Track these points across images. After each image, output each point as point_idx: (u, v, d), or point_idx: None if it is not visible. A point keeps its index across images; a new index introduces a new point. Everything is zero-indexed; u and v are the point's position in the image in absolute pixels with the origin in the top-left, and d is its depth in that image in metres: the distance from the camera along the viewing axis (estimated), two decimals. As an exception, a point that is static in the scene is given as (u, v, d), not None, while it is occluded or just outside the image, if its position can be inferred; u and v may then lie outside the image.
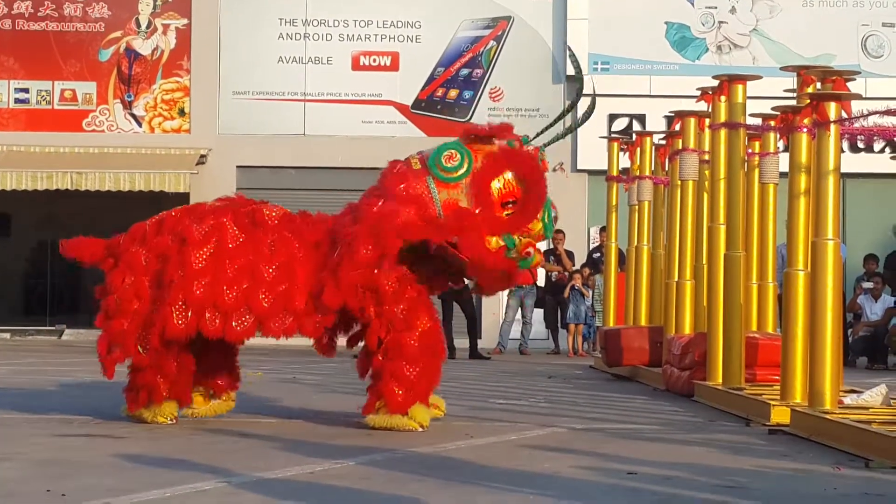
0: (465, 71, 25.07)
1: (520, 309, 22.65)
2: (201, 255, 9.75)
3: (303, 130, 24.98)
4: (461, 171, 9.76)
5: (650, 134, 17.73)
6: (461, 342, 20.71)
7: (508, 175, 9.79)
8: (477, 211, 9.72)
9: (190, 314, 9.65)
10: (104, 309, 9.96)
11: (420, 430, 9.75)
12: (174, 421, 9.97)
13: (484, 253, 9.71)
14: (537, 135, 10.24)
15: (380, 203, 9.73)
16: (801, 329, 10.45)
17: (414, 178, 9.79)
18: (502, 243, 9.73)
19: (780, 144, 13.23)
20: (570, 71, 24.59)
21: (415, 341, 9.73)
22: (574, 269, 22.81)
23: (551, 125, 10.29)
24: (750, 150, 13.37)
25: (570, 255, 22.71)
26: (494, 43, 25.11)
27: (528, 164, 9.86)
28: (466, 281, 20.87)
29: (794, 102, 11.26)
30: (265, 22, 25.03)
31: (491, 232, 9.72)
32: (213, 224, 9.84)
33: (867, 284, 20.50)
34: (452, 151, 9.82)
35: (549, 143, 10.15)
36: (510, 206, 9.78)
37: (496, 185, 9.77)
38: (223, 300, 9.65)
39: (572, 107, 10.67)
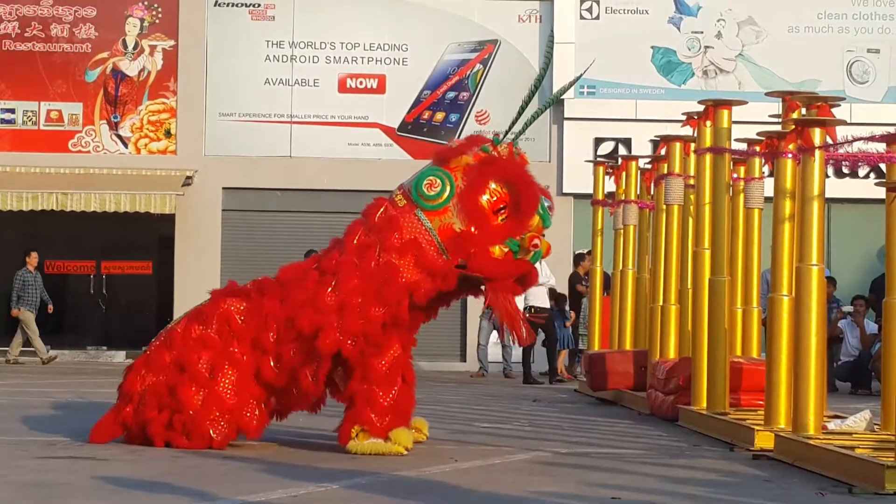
0: (451, 94, 25.09)
1: (495, 331, 22.34)
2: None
3: (289, 152, 24.97)
4: (446, 195, 9.87)
5: (636, 158, 17.75)
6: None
7: (493, 185, 9.90)
8: (473, 230, 9.82)
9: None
10: None
11: (405, 453, 9.75)
12: None
13: (493, 266, 9.86)
14: (507, 131, 10.35)
15: (378, 259, 9.83)
16: (785, 354, 10.47)
17: (403, 220, 9.90)
18: (506, 249, 9.88)
19: (766, 169, 13.25)
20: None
21: (384, 365, 9.79)
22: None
23: (517, 119, 10.35)
24: (735, 175, 13.40)
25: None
26: (481, 66, 25.14)
27: (509, 168, 10.03)
28: (547, 303, 20.92)
29: (779, 128, 11.29)
30: (252, 44, 25.03)
31: (493, 244, 9.85)
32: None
33: (847, 308, 20.48)
34: (431, 178, 9.94)
35: (530, 123, 10.33)
36: (502, 211, 9.89)
37: (484, 198, 9.88)
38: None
39: (535, 90, 10.64)
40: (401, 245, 9.84)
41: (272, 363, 9.85)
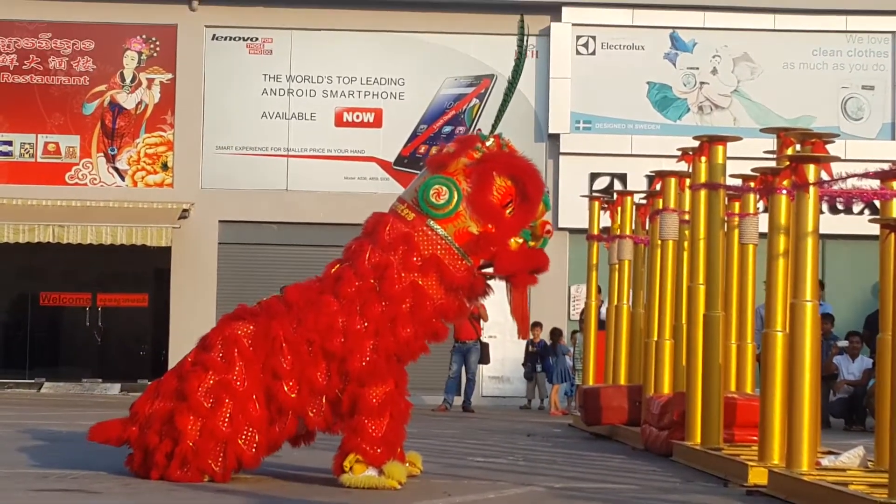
0: (447, 128, 25.17)
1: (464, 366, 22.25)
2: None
3: (285, 186, 25.03)
4: (455, 202, 9.95)
5: (631, 193, 17.77)
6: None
7: (498, 181, 10.00)
8: (491, 227, 9.94)
9: None
10: None
11: (398, 487, 9.74)
12: None
13: (516, 261, 10.01)
14: (493, 127, 10.51)
15: (401, 280, 9.85)
16: (779, 390, 10.48)
17: (417, 235, 9.92)
18: (520, 240, 10.04)
19: (760, 205, 13.29)
20: (553, 129, 24.77)
21: (376, 399, 9.76)
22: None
23: (500, 115, 10.60)
24: (730, 211, 13.43)
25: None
26: (477, 101, 25.23)
27: (509, 160, 10.17)
28: None
29: (773, 164, 11.33)
30: (249, 77, 25.12)
31: (511, 237, 10.01)
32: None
33: (843, 343, 20.49)
34: (437, 187, 9.99)
35: (501, 114, 10.55)
36: (510, 205, 10.02)
37: (494, 195, 9.99)
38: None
39: (513, 82, 10.79)
40: (422, 264, 9.87)
41: (286, 388, 9.79)
